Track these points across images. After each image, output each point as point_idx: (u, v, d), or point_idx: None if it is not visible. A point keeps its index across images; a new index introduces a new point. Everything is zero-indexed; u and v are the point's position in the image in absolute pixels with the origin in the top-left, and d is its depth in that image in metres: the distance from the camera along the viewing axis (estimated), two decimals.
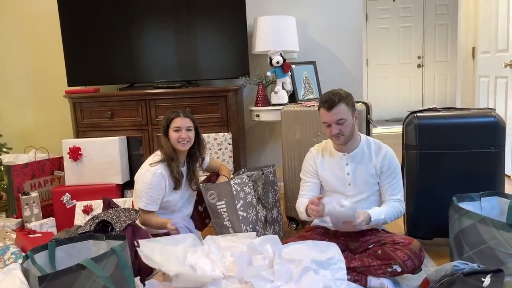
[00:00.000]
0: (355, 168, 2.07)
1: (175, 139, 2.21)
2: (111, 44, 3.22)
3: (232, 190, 2.26)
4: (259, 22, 3.11)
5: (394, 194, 2.04)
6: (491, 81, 3.95)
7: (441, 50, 6.87)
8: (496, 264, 1.69)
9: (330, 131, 2.00)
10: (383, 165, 2.05)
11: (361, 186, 2.07)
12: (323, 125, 2.04)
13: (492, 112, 2.22)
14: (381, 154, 2.06)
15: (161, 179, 2.18)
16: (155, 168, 2.18)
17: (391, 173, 2.05)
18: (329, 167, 2.11)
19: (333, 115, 1.97)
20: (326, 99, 1.98)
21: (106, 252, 1.57)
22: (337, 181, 2.09)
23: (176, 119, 2.22)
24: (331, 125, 1.99)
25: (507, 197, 2.02)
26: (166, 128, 2.24)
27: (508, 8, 3.56)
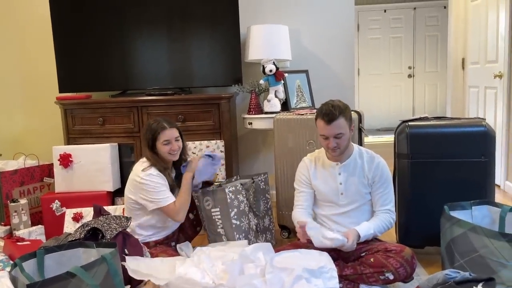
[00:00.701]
0: (348, 178, 2.07)
1: (166, 151, 2.18)
2: (104, 50, 3.21)
3: (226, 197, 2.25)
4: (252, 31, 3.13)
5: (385, 205, 2.05)
6: (481, 92, 4.01)
7: (431, 61, 6.96)
8: (488, 272, 1.70)
9: (327, 144, 1.99)
10: (375, 175, 2.05)
11: (353, 195, 2.07)
12: (319, 136, 2.02)
13: (482, 121, 2.24)
14: (373, 165, 2.07)
15: (161, 177, 2.17)
16: (150, 170, 2.16)
17: (382, 183, 2.05)
18: (322, 176, 2.12)
19: (332, 129, 1.95)
20: (326, 112, 1.95)
21: (96, 260, 1.55)
22: (329, 191, 2.09)
23: (165, 132, 2.17)
24: (328, 138, 1.97)
25: (498, 206, 2.04)
26: (152, 141, 2.18)
27: (497, 20, 3.63)
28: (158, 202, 2.14)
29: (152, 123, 2.21)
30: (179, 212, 2.16)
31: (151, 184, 2.13)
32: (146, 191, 2.13)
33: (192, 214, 2.44)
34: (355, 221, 2.05)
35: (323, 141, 2.01)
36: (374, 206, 2.08)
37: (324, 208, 2.13)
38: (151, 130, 2.18)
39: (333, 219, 2.10)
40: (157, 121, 2.21)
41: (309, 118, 2.52)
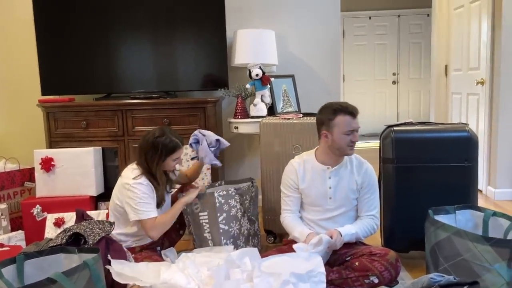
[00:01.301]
0: (338, 183, 2.07)
1: (172, 167, 2.19)
2: (88, 53, 3.17)
3: (215, 202, 2.23)
4: (239, 35, 3.12)
5: (370, 210, 2.07)
6: (463, 98, 4.07)
7: (415, 68, 7.06)
8: (472, 276, 1.71)
9: (352, 138, 1.99)
10: (363, 180, 2.06)
11: (342, 200, 2.07)
12: (340, 134, 1.97)
13: (465, 127, 2.27)
14: (362, 170, 2.08)
15: (149, 187, 2.13)
16: (141, 179, 2.11)
17: (369, 188, 2.07)
18: (311, 179, 2.10)
19: (357, 122, 1.99)
20: (349, 107, 1.98)
21: (78, 266, 1.51)
22: (318, 195, 2.08)
23: (179, 151, 2.17)
24: (353, 132, 1.98)
25: (481, 210, 2.06)
26: (166, 155, 2.13)
27: (479, 28, 3.70)
28: (140, 213, 2.09)
29: (167, 140, 2.13)
30: (156, 229, 2.11)
31: (139, 193, 2.09)
32: (132, 199, 2.09)
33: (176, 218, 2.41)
34: (340, 226, 2.05)
35: (345, 137, 1.97)
36: (359, 211, 2.09)
37: (310, 212, 2.12)
38: (168, 147, 2.13)
39: (320, 223, 2.09)
40: (171, 139, 2.14)
41: (295, 122, 2.52)
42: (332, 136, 1.99)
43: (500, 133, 3.44)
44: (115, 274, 1.77)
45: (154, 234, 2.11)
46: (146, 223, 2.09)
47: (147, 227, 2.10)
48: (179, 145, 2.16)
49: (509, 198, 3.46)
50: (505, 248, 1.68)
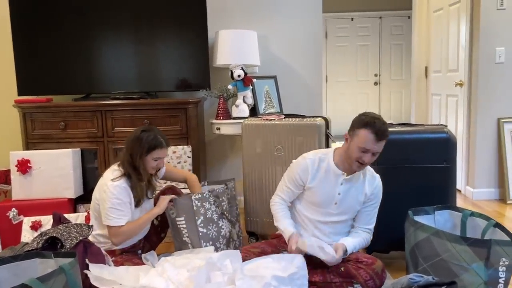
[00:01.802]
0: (348, 191, 2.02)
1: (151, 166, 2.14)
2: (67, 52, 3.11)
3: (192, 205, 2.20)
4: (221, 35, 3.11)
5: (369, 224, 2.07)
6: (443, 99, 4.13)
7: (397, 69, 7.15)
8: (450, 276, 1.73)
9: (362, 157, 1.89)
10: (372, 193, 2.04)
11: (346, 208, 2.04)
12: (356, 147, 1.89)
13: (444, 128, 2.30)
14: (374, 183, 2.05)
15: (126, 192, 2.09)
16: (119, 182, 2.08)
17: (374, 203, 2.06)
18: (322, 180, 2.02)
19: (378, 146, 1.87)
20: (380, 129, 1.85)
21: (54, 271, 1.47)
22: (325, 197, 2.02)
23: (162, 150, 2.13)
24: (367, 152, 1.88)
25: (459, 210, 2.09)
26: (147, 151, 2.10)
27: (458, 30, 3.76)
28: (109, 219, 2.05)
29: (151, 137, 2.11)
30: (119, 236, 2.07)
31: (112, 198, 2.05)
32: (106, 202, 2.06)
33: (157, 221, 2.39)
34: (336, 231, 2.05)
35: (358, 152, 1.89)
36: (357, 221, 2.08)
37: (311, 211, 2.06)
38: (150, 144, 2.10)
39: (317, 225, 2.05)
40: (155, 137, 2.11)
41: (277, 123, 2.52)
42: (350, 143, 1.93)
43: (478, 134, 3.50)
44: (93, 279, 1.74)
45: (116, 241, 2.09)
46: (111, 229, 2.07)
47: (111, 232, 2.07)
48: (162, 144, 2.12)
49: (487, 197, 3.52)
50: (483, 248, 1.70)
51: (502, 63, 3.43)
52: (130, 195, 2.11)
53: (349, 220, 2.08)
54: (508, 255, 1.70)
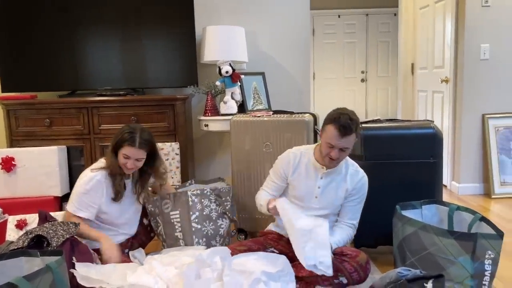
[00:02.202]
0: (328, 185, 2.05)
1: (121, 163, 2.08)
2: (52, 48, 3.06)
3: (188, 200, 2.19)
4: (208, 32, 3.09)
5: (353, 219, 2.08)
6: (429, 96, 4.18)
7: (383, 66, 7.20)
8: (437, 269, 1.75)
9: (330, 153, 1.92)
10: (354, 188, 2.05)
11: (327, 203, 2.06)
12: (324, 142, 1.93)
13: (431, 123, 2.33)
14: (356, 179, 2.06)
15: (99, 186, 2.06)
16: (94, 174, 2.06)
17: (357, 197, 2.07)
18: (303, 174, 2.07)
19: (343, 142, 1.89)
20: (344, 124, 1.86)
21: (40, 269, 1.45)
22: (305, 191, 2.06)
23: (129, 148, 2.03)
24: (335, 149, 1.91)
25: (446, 205, 2.12)
26: (117, 147, 2.07)
27: (443, 28, 3.80)
28: (69, 204, 2.03)
29: (127, 131, 2.05)
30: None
31: (83, 185, 2.04)
32: (78, 185, 2.05)
33: (147, 220, 2.37)
34: None
35: (326, 148, 1.93)
36: (341, 216, 2.09)
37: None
38: (122, 137, 2.05)
39: None
40: (132, 133, 2.05)
41: (265, 120, 2.52)
42: (321, 139, 1.98)
43: (463, 130, 3.55)
44: (80, 278, 1.72)
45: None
46: (67, 217, 2.05)
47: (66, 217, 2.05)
48: (132, 143, 2.03)
49: (472, 192, 3.58)
50: (469, 241, 1.73)
51: (486, 59, 3.48)
52: (103, 190, 2.08)
53: (332, 215, 2.09)
54: (494, 248, 1.73)
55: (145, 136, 2.09)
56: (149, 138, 2.10)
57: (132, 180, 2.23)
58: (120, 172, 2.11)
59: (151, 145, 2.12)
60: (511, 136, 3.50)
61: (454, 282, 1.74)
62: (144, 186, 2.23)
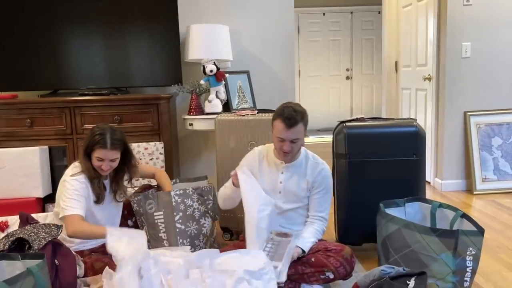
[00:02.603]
0: (289, 179, 2.08)
1: (96, 165, 2.04)
2: (33, 46, 3.00)
3: (171, 201, 2.18)
4: (192, 30, 3.07)
5: (320, 211, 2.09)
6: (412, 93, 4.23)
7: (368, 63, 7.26)
8: (420, 266, 1.78)
9: (282, 147, 1.97)
10: (316, 181, 2.07)
11: (291, 196, 2.09)
12: (275, 137, 1.98)
13: (413, 122, 2.35)
14: (316, 170, 2.08)
15: (85, 186, 2.04)
16: (78, 177, 2.04)
17: (321, 189, 2.08)
18: (265, 170, 2.11)
19: (291, 133, 1.93)
20: (288, 116, 1.91)
21: (21, 273, 1.44)
22: (268, 187, 2.09)
23: (102, 151, 1.99)
24: (284, 141, 1.95)
25: (428, 202, 2.15)
26: (89, 150, 2.03)
27: (426, 26, 3.84)
28: (65, 209, 1.98)
29: (97, 133, 2.01)
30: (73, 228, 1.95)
31: (70, 188, 2.00)
32: (65, 190, 2.01)
33: (131, 221, 2.35)
34: (291, 222, 2.09)
35: (277, 142, 1.98)
36: (309, 210, 2.11)
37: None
38: (92, 140, 2.01)
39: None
40: (102, 135, 2.00)
41: (250, 119, 2.51)
42: (272, 135, 2.03)
43: (446, 127, 3.60)
44: None
45: (69, 230, 1.97)
46: (66, 219, 1.98)
47: (66, 223, 1.98)
48: (103, 145, 1.99)
49: (454, 189, 3.64)
50: (451, 238, 1.76)
51: (468, 57, 3.53)
52: (88, 191, 2.06)
53: (300, 209, 2.11)
54: (475, 245, 1.76)
55: (116, 135, 2.04)
56: (121, 137, 2.07)
57: (108, 180, 2.20)
58: (96, 175, 2.07)
59: (124, 143, 2.09)
60: (492, 133, 3.56)
61: (436, 278, 1.77)
62: (119, 184, 2.20)
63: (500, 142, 3.56)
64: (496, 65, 3.55)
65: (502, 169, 3.54)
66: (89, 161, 2.05)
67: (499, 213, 3.05)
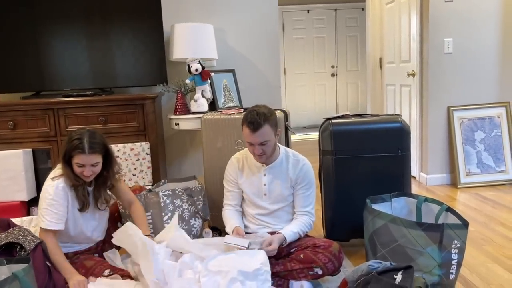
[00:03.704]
0: (272, 180, 2.09)
1: (77, 172, 1.95)
2: (14, 46, 2.95)
3: (160, 201, 2.17)
4: (176, 29, 3.05)
5: (305, 206, 2.10)
6: (397, 89, 4.27)
7: (352, 60, 7.31)
8: (407, 260, 1.80)
9: (253, 150, 2.00)
10: (298, 177, 2.09)
11: (277, 197, 2.10)
12: (246, 142, 2.02)
13: (398, 118, 2.38)
14: (298, 167, 2.10)
15: (64, 193, 1.95)
16: (57, 181, 1.94)
17: (305, 185, 2.09)
18: (248, 176, 2.13)
19: (257, 136, 1.94)
20: (251, 120, 1.93)
21: (7, 278, 1.42)
22: (254, 191, 2.11)
23: (81, 156, 1.89)
24: (254, 145, 1.98)
25: (414, 197, 2.17)
26: (68, 157, 1.93)
27: (409, 22, 3.88)
28: (42, 221, 1.90)
29: (75, 138, 1.90)
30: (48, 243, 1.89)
31: (48, 198, 1.91)
32: (43, 198, 1.93)
33: (121, 224, 2.32)
34: (279, 220, 2.10)
35: (249, 147, 2.01)
36: (295, 206, 2.12)
37: (251, 206, 2.15)
38: (70, 145, 1.90)
39: (259, 218, 2.13)
40: (80, 139, 1.90)
41: (237, 118, 2.51)
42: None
43: (430, 122, 3.65)
44: None
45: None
46: (41, 233, 1.91)
47: (41, 235, 1.91)
48: (82, 150, 1.89)
49: (439, 183, 3.69)
50: (436, 232, 1.79)
51: (450, 53, 3.58)
52: (68, 197, 1.96)
53: (286, 207, 2.12)
54: (460, 238, 1.79)
55: (96, 138, 1.94)
56: (100, 140, 1.97)
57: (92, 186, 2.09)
58: (80, 182, 1.98)
59: (104, 146, 1.99)
60: (475, 127, 3.62)
61: (423, 271, 1.79)
62: (100, 191, 2.08)
63: (483, 136, 3.62)
64: (478, 60, 3.61)
65: (485, 163, 3.60)
66: (69, 168, 1.95)
67: (483, 205, 3.10)
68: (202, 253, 1.92)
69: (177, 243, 1.93)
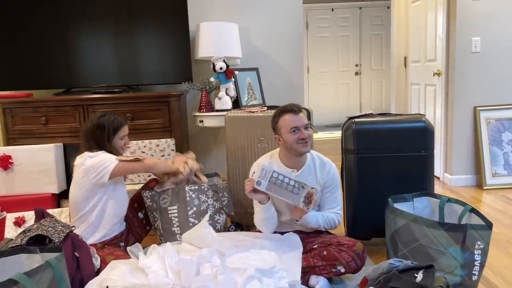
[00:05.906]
0: None
1: (121, 146, 2.24)
2: (46, 46, 3.06)
3: (186, 196, 2.23)
4: (202, 28, 3.10)
5: (332, 208, 2.10)
6: (421, 89, 4.22)
7: (377, 59, 7.23)
8: (428, 260, 1.80)
9: (300, 135, 1.97)
10: (326, 180, 2.09)
11: None
12: (287, 134, 1.99)
13: (422, 117, 2.37)
14: (325, 170, 2.10)
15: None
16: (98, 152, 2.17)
17: (332, 188, 2.10)
18: None
19: (301, 118, 2.00)
20: (290, 106, 2.01)
21: (40, 266, 1.48)
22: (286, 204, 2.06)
23: (125, 127, 2.24)
24: (300, 129, 1.98)
25: (437, 197, 2.16)
26: (113, 132, 2.20)
27: (435, 21, 3.83)
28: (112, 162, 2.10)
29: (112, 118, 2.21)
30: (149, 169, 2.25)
31: (99, 156, 2.13)
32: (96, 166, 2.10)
33: (142, 213, 2.40)
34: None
35: (292, 136, 1.98)
36: (321, 207, 2.13)
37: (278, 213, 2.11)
38: (114, 123, 2.20)
39: (292, 223, 2.12)
40: (114, 116, 2.23)
41: (260, 115, 2.55)
42: (282, 138, 2.03)
43: (455, 122, 3.60)
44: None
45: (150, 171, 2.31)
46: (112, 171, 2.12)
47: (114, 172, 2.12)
48: (123, 123, 2.24)
49: (464, 184, 3.63)
50: (459, 232, 1.78)
51: (477, 52, 3.52)
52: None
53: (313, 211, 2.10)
54: (483, 239, 1.78)
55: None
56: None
57: None
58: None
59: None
60: (502, 128, 3.55)
61: (444, 272, 1.79)
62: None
63: (510, 137, 3.55)
64: (506, 59, 3.54)
65: None
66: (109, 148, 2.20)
67: (509, 207, 3.05)
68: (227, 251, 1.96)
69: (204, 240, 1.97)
